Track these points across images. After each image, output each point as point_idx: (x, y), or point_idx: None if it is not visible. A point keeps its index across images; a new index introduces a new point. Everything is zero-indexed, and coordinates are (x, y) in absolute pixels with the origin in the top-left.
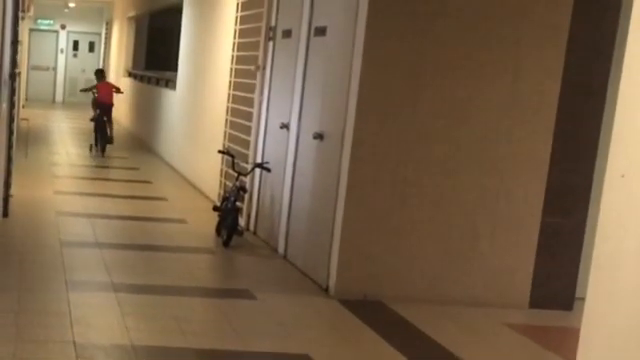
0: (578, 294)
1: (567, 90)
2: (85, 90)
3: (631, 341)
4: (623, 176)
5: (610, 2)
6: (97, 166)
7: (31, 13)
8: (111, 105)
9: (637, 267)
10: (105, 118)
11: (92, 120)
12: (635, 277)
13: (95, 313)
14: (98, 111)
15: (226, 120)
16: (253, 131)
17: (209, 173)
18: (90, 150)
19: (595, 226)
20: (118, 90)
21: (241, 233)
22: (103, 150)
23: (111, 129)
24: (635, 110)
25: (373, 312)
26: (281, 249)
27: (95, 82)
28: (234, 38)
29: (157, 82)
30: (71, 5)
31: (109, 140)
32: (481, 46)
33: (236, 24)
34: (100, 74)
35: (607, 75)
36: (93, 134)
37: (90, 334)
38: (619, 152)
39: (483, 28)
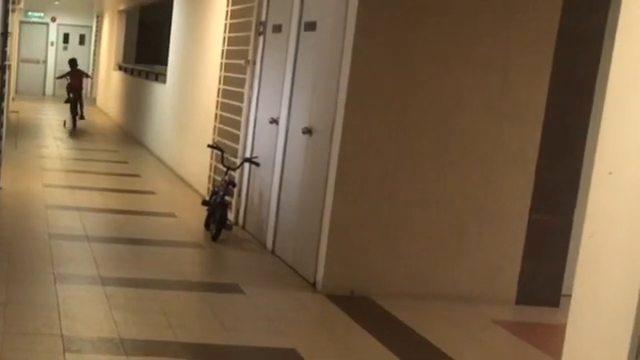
0: (564, 291)
1: (555, 87)
2: (60, 77)
3: (616, 337)
4: (611, 173)
5: (599, 0)
6: (86, 159)
7: (21, 5)
8: (81, 88)
9: (623, 263)
10: (77, 97)
11: (66, 102)
12: (621, 273)
13: (83, 306)
14: (72, 95)
15: (216, 114)
16: (242, 126)
17: (198, 167)
18: (64, 125)
19: (582, 223)
20: (87, 76)
21: (230, 227)
22: (75, 124)
23: (82, 107)
24: (622, 108)
25: (360, 307)
26: (269, 244)
27: (69, 69)
28: (224, 32)
29: (147, 76)
30: None
31: (81, 116)
32: (471, 42)
33: (226, 18)
34: (73, 63)
35: (595, 73)
36: (69, 112)
37: (78, 327)
38: (607, 150)
39: (473, 24)
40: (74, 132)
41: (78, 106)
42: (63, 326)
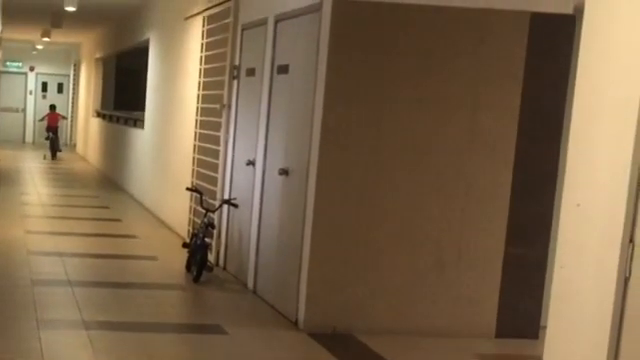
0: (543, 323)
1: (525, 123)
2: (42, 119)
3: None
4: (578, 205)
5: (564, 36)
6: (68, 205)
7: (0, 56)
8: (57, 127)
9: (595, 293)
10: (53, 135)
11: (46, 139)
12: (593, 303)
13: (67, 351)
14: (50, 134)
15: (193, 158)
16: (220, 168)
17: (178, 210)
18: (44, 158)
19: None
20: (63, 117)
21: (211, 269)
22: (54, 156)
23: (58, 142)
24: (586, 141)
25: (342, 345)
26: (250, 284)
27: (47, 113)
28: (199, 77)
29: (125, 122)
30: (39, 47)
31: (59, 149)
32: (440, 81)
33: (201, 64)
34: (52, 107)
35: (563, 107)
36: (49, 147)
37: None
38: (574, 182)
39: (442, 64)
40: (55, 161)
41: (55, 143)
42: None
